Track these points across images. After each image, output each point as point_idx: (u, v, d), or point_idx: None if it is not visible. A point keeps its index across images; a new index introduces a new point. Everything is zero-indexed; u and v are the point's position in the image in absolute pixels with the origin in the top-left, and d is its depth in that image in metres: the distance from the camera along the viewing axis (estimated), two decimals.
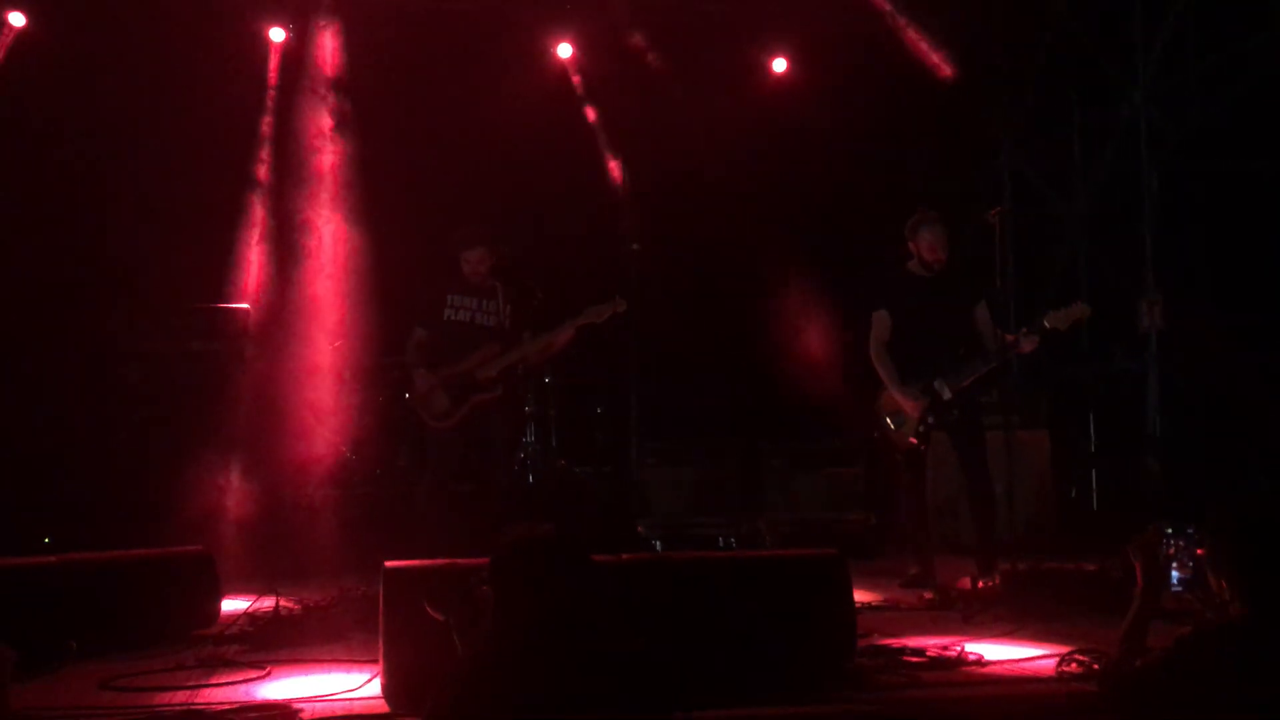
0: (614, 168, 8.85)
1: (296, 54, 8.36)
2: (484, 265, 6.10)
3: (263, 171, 8.30)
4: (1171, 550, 4.95)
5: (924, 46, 8.56)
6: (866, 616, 4.67)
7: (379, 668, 3.69)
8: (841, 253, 8.51)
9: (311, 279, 7.64)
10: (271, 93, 8.41)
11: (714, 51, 8.92)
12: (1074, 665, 3.87)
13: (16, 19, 7.95)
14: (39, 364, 7.45)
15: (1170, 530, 4.95)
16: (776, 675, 3.68)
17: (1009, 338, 5.63)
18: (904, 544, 6.17)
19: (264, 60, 8.45)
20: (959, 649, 4.22)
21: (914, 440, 5.76)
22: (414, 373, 6.09)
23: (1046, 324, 5.57)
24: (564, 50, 8.93)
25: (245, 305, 7.41)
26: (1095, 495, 8.58)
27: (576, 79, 8.98)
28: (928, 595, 5.48)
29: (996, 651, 4.25)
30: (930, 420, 5.74)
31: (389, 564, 3.74)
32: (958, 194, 8.56)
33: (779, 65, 9.11)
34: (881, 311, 5.90)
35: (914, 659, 4.09)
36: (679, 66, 8.72)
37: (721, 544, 7.28)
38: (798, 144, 8.60)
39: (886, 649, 4.22)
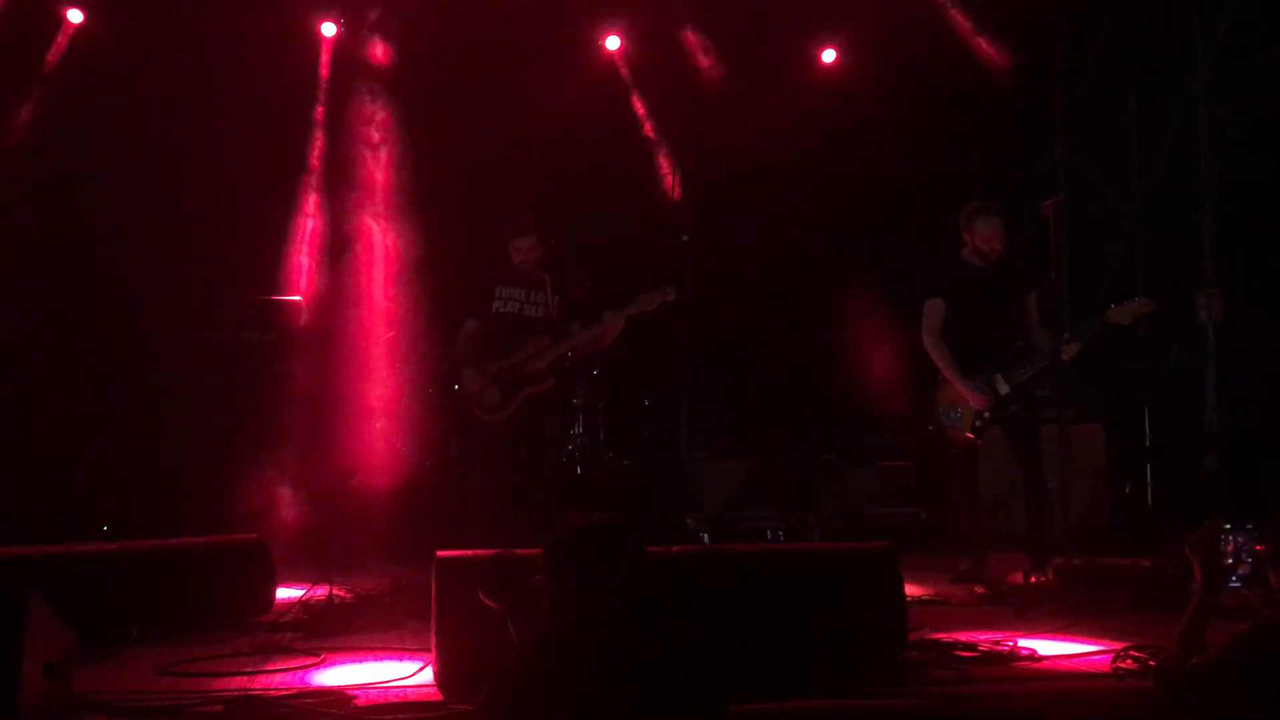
0: (663, 160, 8.83)
1: (348, 48, 8.42)
2: (534, 255, 6.01)
3: (314, 165, 8.38)
4: (1230, 547, 4.86)
5: (977, 37, 8.46)
6: (917, 610, 4.63)
7: (431, 656, 3.73)
8: (894, 245, 8.44)
9: (363, 271, 7.71)
10: (323, 87, 8.49)
11: (763, 42, 8.88)
12: (1129, 661, 3.82)
13: (75, 15, 8.10)
14: (97, 355, 7.58)
15: (1229, 526, 4.87)
16: (827, 668, 3.67)
17: (1059, 347, 5.58)
18: (956, 538, 6.12)
19: (316, 55, 8.53)
20: (1011, 644, 4.18)
21: (970, 435, 5.71)
22: (464, 368, 6.02)
23: (1109, 319, 5.51)
24: (612, 42, 8.93)
25: (298, 297, 7.48)
26: (1150, 492, 8.45)
27: (625, 71, 8.97)
28: (979, 590, 5.43)
29: (1049, 647, 4.20)
30: (987, 415, 5.68)
31: (441, 553, 3.77)
32: (1012, 187, 8.47)
33: (828, 56, 9.05)
34: (936, 300, 5.84)
35: (965, 654, 4.06)
36: (728, 58, 8.69)
37: (770, 537, 7.27)
38: (848, 136, 8.53)
39: (937, 643, 4.19)
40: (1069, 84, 9.05)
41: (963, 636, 4.30)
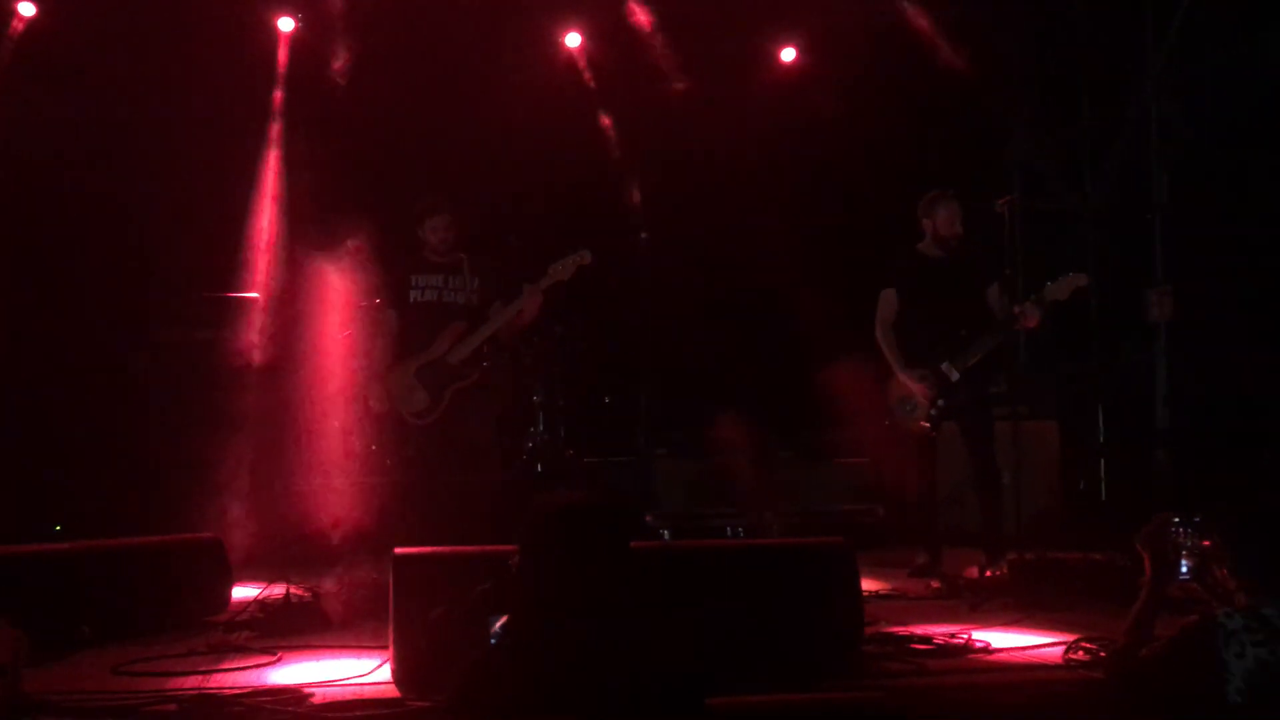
0: (621, 159, 8.84)
1: (305, 43, 8.36)
2: (449, 234, 5.75)
3: (271, 160, 8.31)
4: (1179, 540, 4.95)
5: (934, 37, 8.54)
6: (874, 605, 4.70)
7: (389, 654, 3.72)
8: (850, 242, 8.50)
9: (319, 267, 7.64)
10: (280, 82, 8.42)
11: (723, 41, 8.91)
12: (1081, 653, 3.88)
13: (26, 9, 7.98)
14: (49, 353, 7.47)
15: (1178, 520, 4.95)
16: (785, 663, 3.70)
17: (1014, 309, 5.65)
18: (911, 533, 6.17)
19: (273, 50, 8.46)
20: (965, 637, 4.23)
21: (925, 425, 5.77)
22: (387, 371, 5.75)
23: (1047, 295, 5.61)
24: (572, 40, 8.93)
25: (255, 294, 7.41)
26: (1104, 487, 8.57)
27: (584, 68, 8.97)
28: (935, 584, 5.50)
29: (1003, 639, 4.27)
30: (940, 404, 5.74)
31: (398, 551, 3.76)
32: (966, 185, 8.54)
33: (788, 55, 9.10)
34: (888, 290, 5.92)
35: (921, 646, 4.11)
36: (687, 56, 8.71)
37: (730, 534, 7.29)
38: (806, 134, 8.59)
39: (893, 637, 4.24)
40: (1023, 83, 9.15)
41: (919, 630, 4.36)
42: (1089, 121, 9.14)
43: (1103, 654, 3.73)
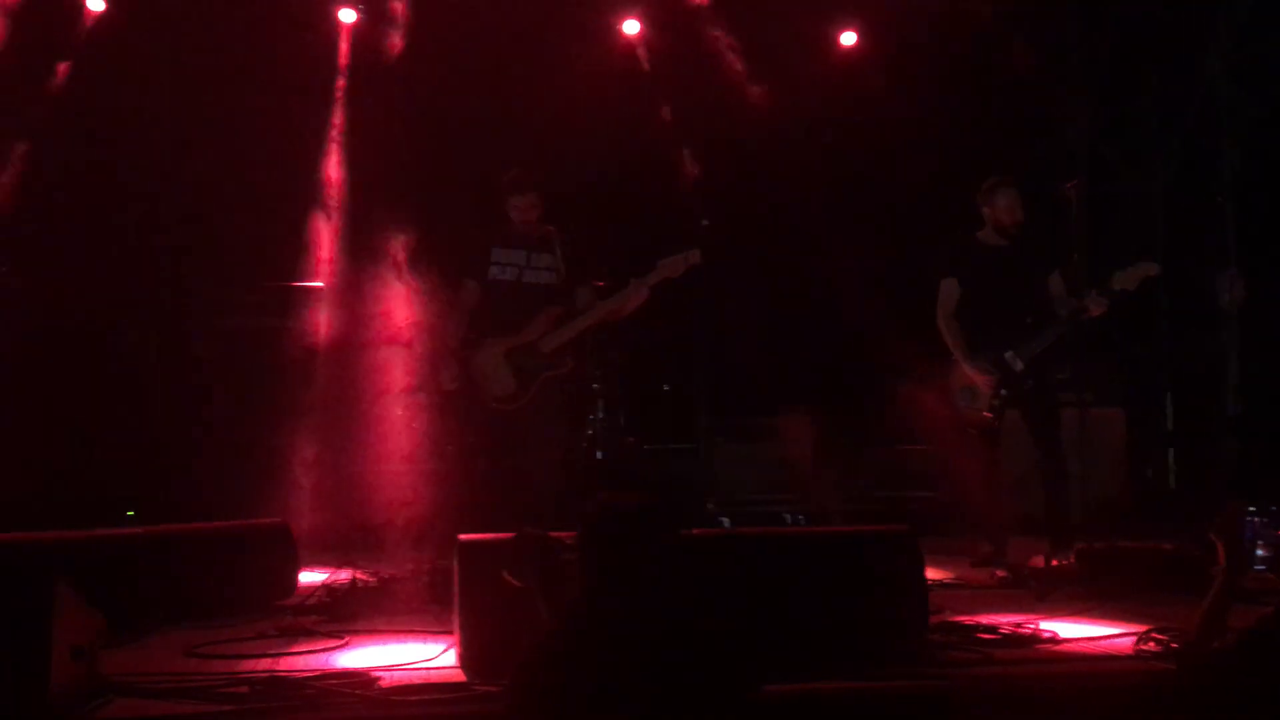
0: (681, 145, 8.81)
1: (367, 34, 8.44)
2: (534, 213, 5.44)
3: (334, 150, 8.41)
4: (1254, 529, 4.86)
5: (995, 18, 8.41)
6: (938, 594, 4.64)
7: (454, 638, 3.76)
8: (913, 228, 8.41)
9: (383, 255, 7.72)
10: (342, 72, 8.51)
11: (782, 25, 8.85)
12: (1152, 644, 3.82)
13: (96, 3, 8.14)
14: (118, 342, 7.64)
15: (1253, 509, 4.86)
16: (848, 651, 3.68)
17: (1080, 300, 5.55)
18: (975, 522, 6.11)
19: (334, 41, 8.55)
20: (1033, 627, 4.18)
21: (988, 415, 5.70)
22: (470, 349, 5.49)
23: (1115, 285, 5.50)
24: (631, 27, 8.92)
25: (319, 283, 7.50)
26: (1172, 475, 8.42)
27: (643, 55, 8.95)
28: (1000, 573, 5.43)
29: (1071, 630, 4.20)
30: (1004, 393, 5.67)
31: (463, 537, 3.79)
32: (1030, 169, 8.43)
33: (848, 39, 9.02)
34: (950, 280, 5.86)
35: (987, 636, 4.07)
36: (747, 41, 8.66)
37: (789, 521, 7.28)
38: (867, 119, 8.50)
39: (959, 626, 4.20)
40: (1088, 64, 8.98)
41: (984, 619, 4.31)
42: (1154, 102, 8.95)
43: (1175, 645, 3.67)
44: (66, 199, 7.69)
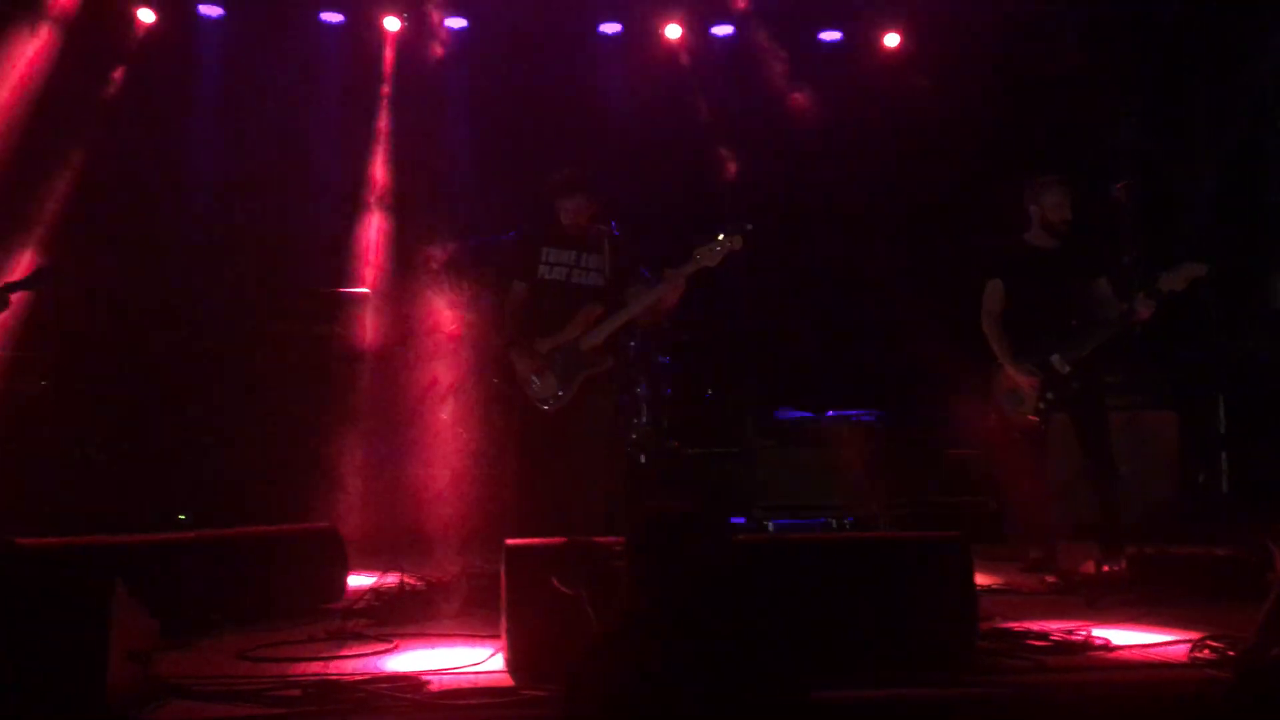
0: (724, 149, 8.80)
1: (411, 41, 8.52)
2: (585, 214, 5.37)
3: (380, 155, 8.49)
4: None
5: (1042, 18, 8.33)
6: (987, 600, 4.59)
7: (501, 643, 3.77)
8: (959, 231, 8.35)
9: (430, 260, 7.78)
10: (387, 78, 8.59)
11: (826, 28, 8.84)
12: (1207, 652, 3.75)
13: (146, 15, 8.29)
14: (171, 348, 7.75)
15: None
16: (898, 658, 3.66)
17: (1127, 302, 5.48)
18: (1024, 527, 6.05)
19: (379, 48, 8.64)
20: (1085, 633, 4.13)
21: (1034, 419, 5.63)
22: (512, 349, 5.40)
23: (1162, 286, 5.41)
24: (673, 31, 8.92)
25: (365, 289, 7.58)
26: (1225, 479, 8.28)
27: (686, 58, 8.96)
28: (1050, 579, 5.37)
29: (1124, 637, 4.14)
30: (1049, 396, 5.60)
31: (510, 541, 3.80)
32: (1080, 171, 8.34)
33: (891, 40, 8.98)
34: (995, 281, 5.79)
35: (1038, 643, 4.02)
36: (791, 44, 8.65)
37: (835, 527, 7.24)
38: (912, 121, 8.46)
39: (1009, 633, 4.15)
40: (1138, 64, 8.87)
41: (1034, 626, 4.26)
42: (1204, 102, 8.82)
43: (1231, 653, 3.62)
44: (119, 206, 7.82)
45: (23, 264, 7.12)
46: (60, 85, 7.56)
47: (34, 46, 7.47)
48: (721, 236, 5.14)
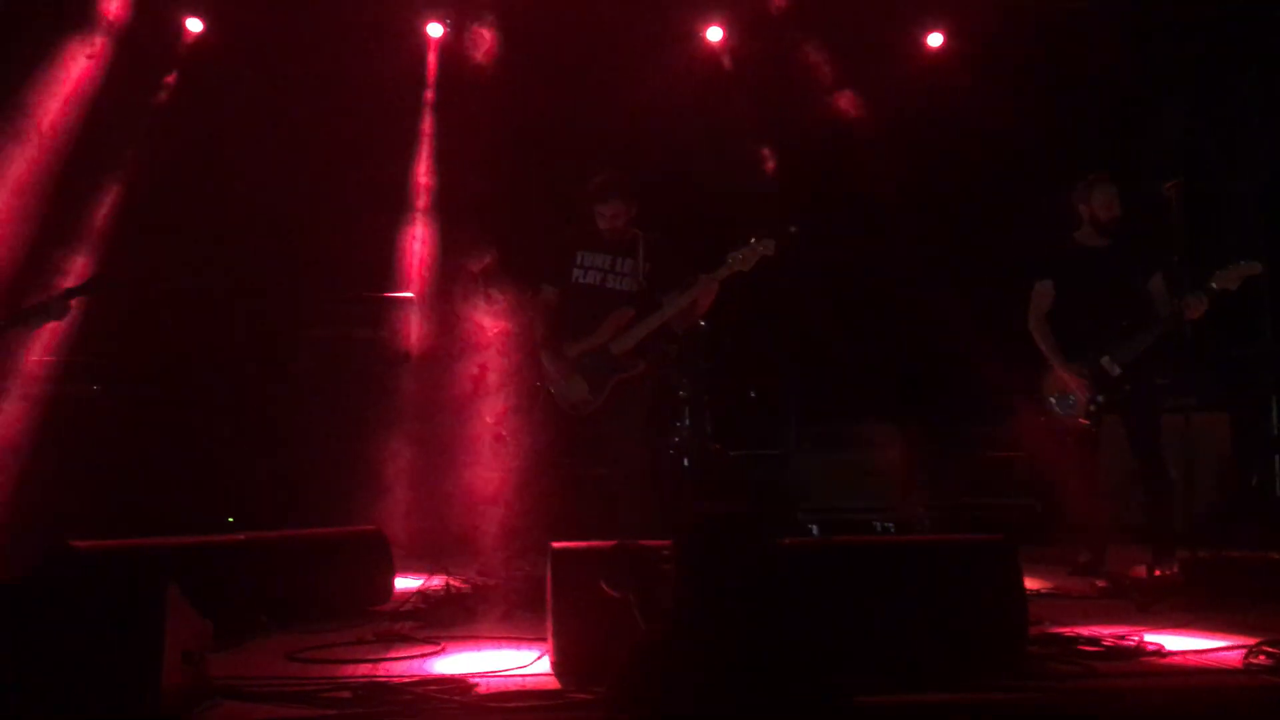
0: (766, 150, 8.79)
1: (454, 47, 8.58)
2: (622, 219, 5.34)
3: (423, 160, 8.56)
4: None
5: (1087, 11, 8.24)
6: (1036, 604, 4.53)
7: (548, 646, 3.78)
8: (1002, 231, 8.28)
9: (470, 264, 7.83)
10: (430, 84, 8.65)
11: (868, 28, 8.79)
12: (1262, 657, 3.69)
13: (194, 24, 8.41)
14: (212, 353, 7.85)
15: None
16: (944, 663, 3.62)
17: (1178, 303, 5.40)
18: (1072, 530, 5.98)
19: (422, 56, 8.71)
20: (1137, 639, 4.07)
21: (1084, 421, 5.57)
22: (542, 351, 5.40)
23: (1214, 285, 5.33)
24: (714, 34, 8.92)
25: (409, 294, 7.64)
26: (1278, 482, 8.14)
27: (727, 60, 8.95)
28: (1100, 583, 5.31)
29: (1177, 642, 4.08)
30: (1100, 398, 5.54)
31: (556, 545, 3.82)
32: (1125, 168, 8.24)
33: (935, 40, 8.92)
34: (1045, 282, 5.74)
35: (1089, 648, 3.97)
36: (833, 44, 8.62)
37: (879, 529, 7.19)
38: (956, 120, 8.39)
39: (1059, 637, 4.10)
40: (1186, 61, 8.75)
41: (1085, 631, 4.21)
42: (1253, 99, 8.68)
43: None
44: (168, 213, 7.93)
45: (77, 270, 7.23)
46: (112, 95, 7.67)
47: (86, 58, 7.59)
48: (754, 240, 5.16)
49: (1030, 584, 4.91)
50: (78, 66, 7.56)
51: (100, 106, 7.57)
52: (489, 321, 6.53)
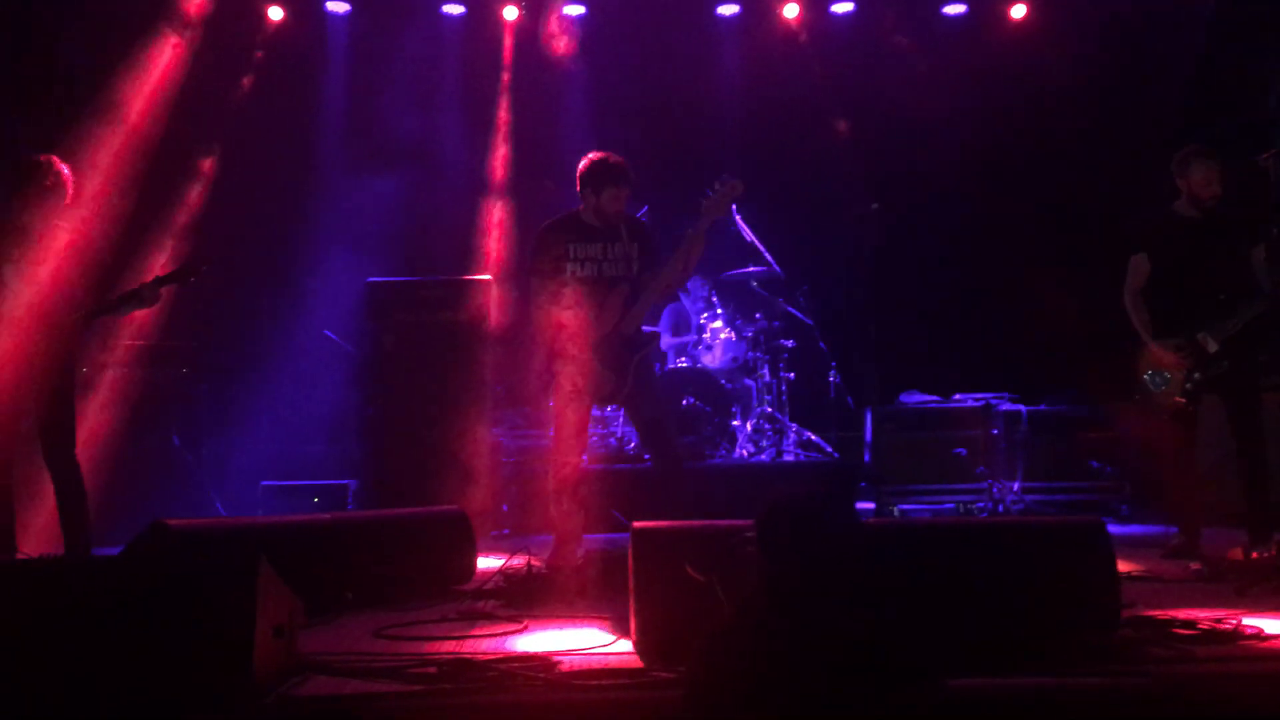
0: (846, 126, 8.67)
1: (529, 29, 8.60)
2: (621, 202, 5.27)
3: (501, 144, 8.60)
4: None
5: None
6: (1128, 587, 4.39)
7: (629, 624, 3.78)
8: (1090, 205, 8.08)
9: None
10: (506, 67, 8.69)
11: (948, 0, 8.64)
12: None
13: (275, 13, 8.54)
14: (299, 338, 8.00)
15: None
16: (1035, 646, 3.56)
17: (1278, 276, 5.21)
18: (1167, 512, 5.82)
19: (499, 39, 8.75)
20: (1234, 622, 3.94)
21: (1180, 400, 5.40)
22: (557, 361, 5.25)
23: None
24: (790, 10, 8.82)
25: (488, 276, 7.68)
26: None
27: (805, 37, 8.84)
28: (1194, 566, 5.16)
29: (1277, 626, 3.95)
30: (1196, 376, 5.36)
31: (638, 524, 3.81)
32: (1220, 138, 7.97)
33: (1018, 12, 8.72)
34: (1139, 255, 5.56)
35: (1185, 631, 3.86)
36: (914, 18, 8.47)
37: (963, 511, 7.09)
38: (1040, 92, 8.20)
39: (1153, 621, 3.99)
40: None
41: (1180, 614, 4.09)
42: None
43: None
44: (251, 198, 8.09)
45: (166, 258, 7.41)
46: (197, 83, 7.83)
47: (172, 49, 7.75)
48: (718, 185, 5.13)
49: (1123, 567, 4.79)
50: (164, 58, 7.71)
51: (186, 96, 7.72)
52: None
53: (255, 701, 3.05)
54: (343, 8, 8.59)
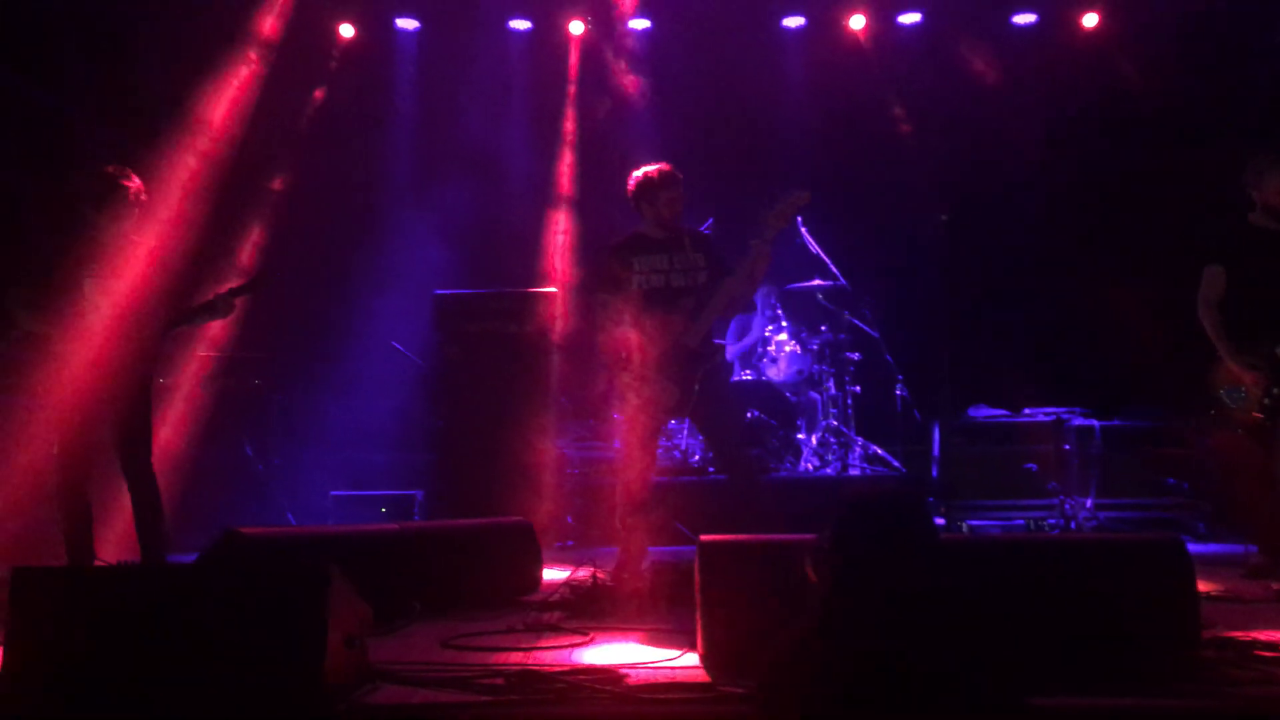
0: (913, 137, 8.60)
1: (596, 43, 8.65)
2: (678, 206, 5.24)
3: (567, 155, 8.66)
4: None
5: None
6: (1208, 607, 4.30)
7: (696, 638, 3.76)
8: (1164, 215, 7.91)
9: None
10: (572, 80, 8.75)
11: (1018, 9, 8.53)
12: None
13: (347, 30, 8.69)
14: (365, 346, 8.10)
15: None
16: (1113, 666, 3.48)
17: None
18: (1245, 531, 5.66)
19: (565, 51, 8.82)
20: None
21: (1258, 415, 5.26)
22: (623, 375, 5.19)
23: None
24: (857, 22, 8.77)
25: (553, 289, 7.72)
26: None
27: (871, 51, 8.79)
28: (1276, 586, 5.02)
29: None
30: (1275, 391, 5.22)
31: (705, 537, 3.79)
32: None
33: (1090, 20, 8.59)
34: (1215, 267, 5.42)
35: (1267, 654, 3.76)
36: (985, 28, 8.38)
37: (1033, 527, 6.96)
38: (1113, 100, 8.06)
39: (1234, 642, 3.89)
40: None
41: (1262, 635, 3.98)
42: None
43: None
44: (321, 212, 8.22)
45: (238, 271, 7.55)
46: (271, 99, 7.99)
47: (248, 66, 7.92)
48: (782, 196, 5.06)
49: (1202, 586, 4.67)
50: (240, 75, 7.88)
51: (261, 112, 7.88)
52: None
53: (326, 710, 3.07)
54: (412, 24, 8.72)
